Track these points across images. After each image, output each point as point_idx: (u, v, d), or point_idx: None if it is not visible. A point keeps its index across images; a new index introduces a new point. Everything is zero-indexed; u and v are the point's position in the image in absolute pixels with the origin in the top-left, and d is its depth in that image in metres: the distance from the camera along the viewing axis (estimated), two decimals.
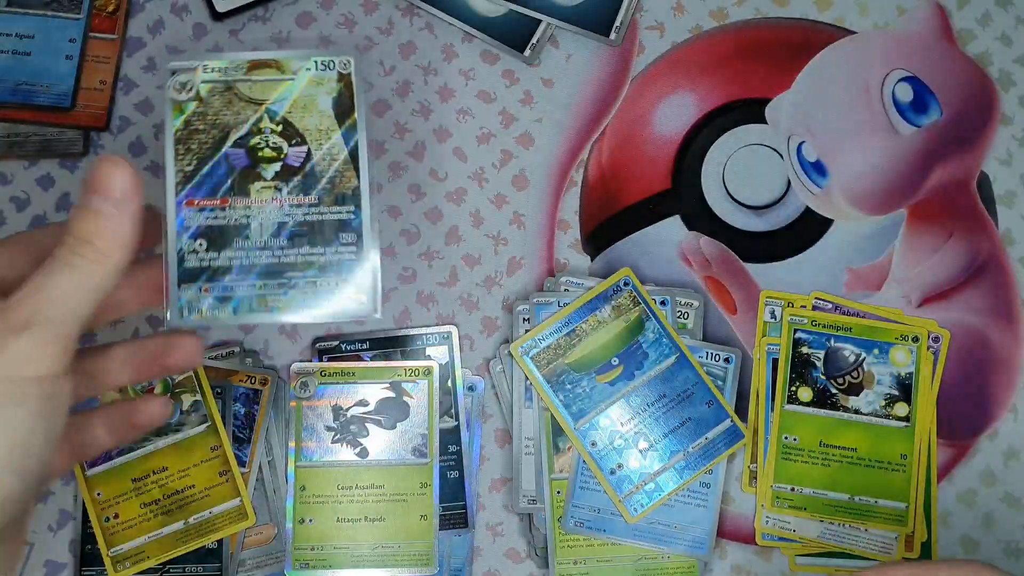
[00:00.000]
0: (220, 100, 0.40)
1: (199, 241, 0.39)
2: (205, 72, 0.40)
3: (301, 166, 0.40)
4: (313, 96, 0.40)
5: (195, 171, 0.39)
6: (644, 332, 0.53)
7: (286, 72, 0.40)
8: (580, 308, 0.53)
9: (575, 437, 0.52)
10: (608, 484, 0.52)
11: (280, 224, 0.39)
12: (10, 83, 0.54)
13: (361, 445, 0.53)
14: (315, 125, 0.40)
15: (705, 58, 0.57)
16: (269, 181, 0.40)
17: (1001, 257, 0.57)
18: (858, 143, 0.56)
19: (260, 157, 0.40)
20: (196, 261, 0.39)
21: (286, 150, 0.40)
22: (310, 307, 0.39)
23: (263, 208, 0.39)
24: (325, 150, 0.40)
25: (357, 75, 0.41)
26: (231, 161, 0.40)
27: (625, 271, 0.54)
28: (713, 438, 0.53)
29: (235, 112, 0.40)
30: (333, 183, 0.40)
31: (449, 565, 0.53)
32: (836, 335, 0.54)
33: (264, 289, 0.39)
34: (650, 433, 0.53)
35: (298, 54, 0.41)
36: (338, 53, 0.41)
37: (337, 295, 0.39)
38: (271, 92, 0.40)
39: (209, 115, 0.40)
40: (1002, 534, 0.56)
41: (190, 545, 0.51)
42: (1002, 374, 0.56)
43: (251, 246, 0.39)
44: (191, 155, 0.39)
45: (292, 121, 0.40)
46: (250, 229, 0.39)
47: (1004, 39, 0.58)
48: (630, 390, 0.53)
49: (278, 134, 0.40)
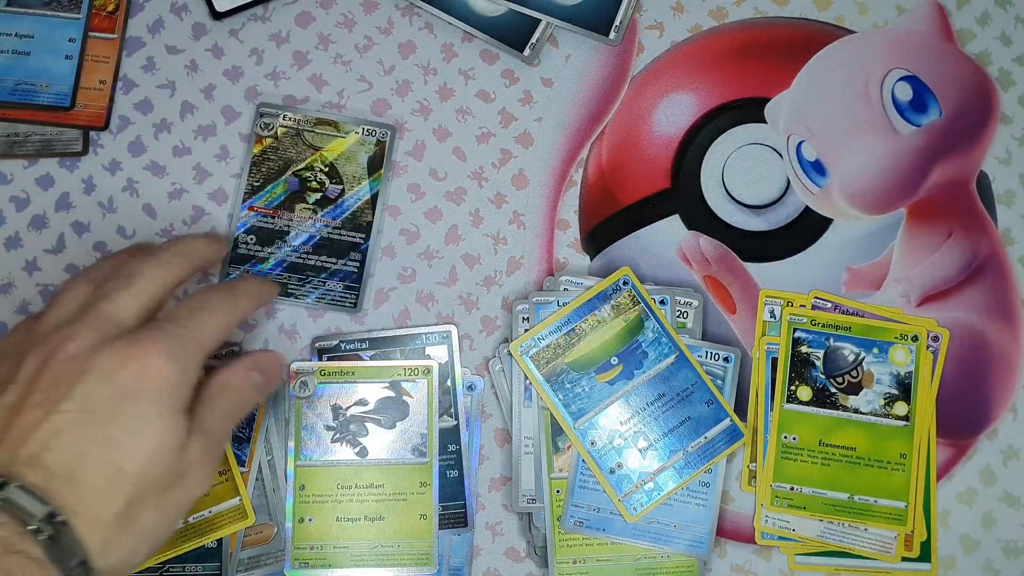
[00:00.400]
0: (290, 141, 0.55)
1: (250, 236, 0.54)
2: (284, 120, 0.54)
3: (335, 199, 0.55)
4: (355, 152, 0.55)
5: (260, 186, 0.54)
6: (643, 331, 0.53)
7: (341, 131, 0.55)
8: (579, 307, 0.53)
9: (574, 436, 0.52)
10: (607, 483, 0.52)
11: (310, 236, 0.54)
12: (10, 83, 0.54)
13: (360, 444, 0.53)
14: (352, 172, 0.55)
15: (704, 58, 0.57)
16: (310, 205, 0.55)
17: (1000, 256, 0.57)
18: (857, 142, 0.56)
19: (308, 187, 0.55)
20: (245, 250, 0.54)
21: (328, 185, 0.55)
22: (316, 301, 0.54)
23: (301, 223, 0.54)
24: (355, 191, 0.55)
25: (390, 144, 0.55)
26: (287, 185, 0.54)
27: (624, 270, 0.54)
28: (712, 437, 0.53)
29: (298, 152, 0.55)
30: (355, 215, 0.55)
31: (449, 564, 0.53)
32: (835, 334, 0.54)
33: (288, 280, 0.54)
34: (649, 432, 0.53)
35: (353, 119, 0.55)
36: (382, 125, 0.55)
37: (336, 295, 0.54)
38: (327, 143, 0.55)
39: (279, 150, 0.55)
40: (1002, 534, 0.56)
41: (189, 544, 0.51)
42: (1002, 373, 0.56)
43: (286, 248, 0.54)
44: (260, 175, 0.54)
45: (337, 166, 0.55)
46: (288, 236, 0.54)
47: (1004, 39, 0.58)
48: (629, 389, 0.53)
49: (324, 173, 0.55)
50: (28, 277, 0.54)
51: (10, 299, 0.54)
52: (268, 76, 0.56)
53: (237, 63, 0.56)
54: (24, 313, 0.54)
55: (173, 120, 0.56)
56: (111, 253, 0.53)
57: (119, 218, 0.55)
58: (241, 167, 0.55)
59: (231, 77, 0.56)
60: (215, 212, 0.55)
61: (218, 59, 0.56)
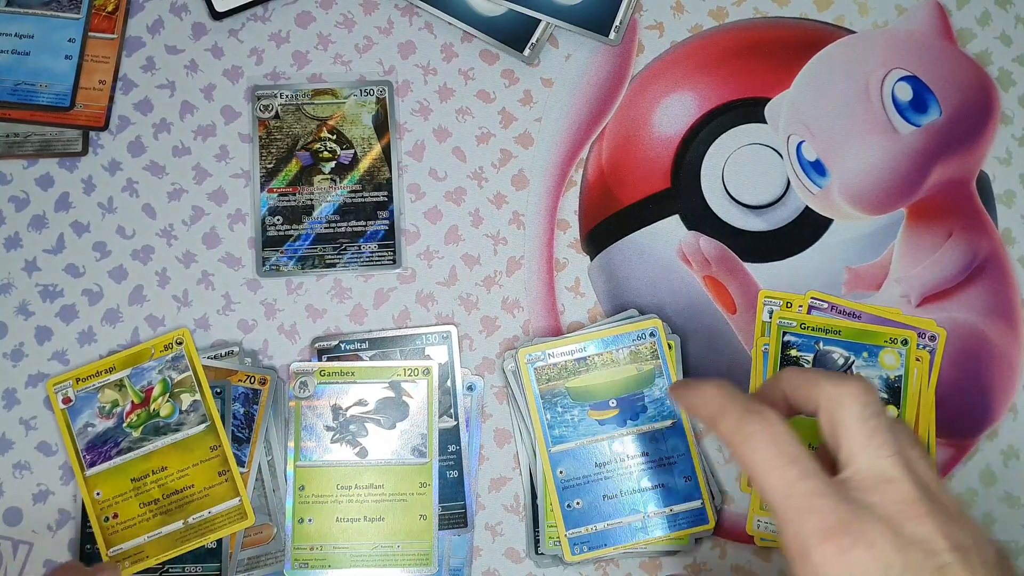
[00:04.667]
0: (292, 118, 0.55)
1: (276, 217, 0.55)
2: (282, 99, 0.55)
3: (350, 163, 0.55)
4: (358, 114, 0.55)
5: (274, 168, 0.55)
6: (651, 387, 0.53)
7: (339, 97, 0.55)
8: (599, 340, 0.53)
9: (546, 459, 0.52)
10: (560, 516, 0.52)
11: (335, 205, 0.55)
12: (9, 83, 0.54)
13: (360, 445, 0.53)
14: (359, 135, 0.55)
15: (705, 58, 0.57)
16: (327, 175, 0.55)
17: (1000, 256, 0.57)
18: (858, 142, 0.56)
19: (320, 157, 0.55)
20: (275, 232, 0.55)
21: (339, 152, 0.55)
22: (356, 266, 0.55)
23: (323, 193, 0.55)
24: (366, 152, 0.55)
25: (391, 100, 0.56)
26: (299, 160, 0.55)
27: (655, 321, 0.53)
28: (678, 512, 0.52)
29: (303, 125, 0.55)
30: (372, 175, 0.55)
31: (448, 565, 0.53)
32: (825, 338, 0.54)
33: (323, 251, 0.55)
34: (620, 484, 0.52)
35: (347, 83, 0.56)
36: (378, 83, 0.56)
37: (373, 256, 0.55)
38: (329, 111, 0.55)
39: (284, 128, 0.55)
40: (1002, 534, 0.56)
41: (189, 545, 0.51)
42: (1002, 374, 0.56)
43: (314, 220, 0.55)
44: (271, 156, 0.55)
45: (343, 131, 0.55)
46: (313, 209, 0.55)
47: (1004, 38, 0.58)
48: (616, 436, 0.52)
49: (333, 141, 0.55)
50: (28, 277, 0.54)
51: (10, 299, 0.54)
52: (268, 76, 0.56)
53: (237, 63, 0.56)
54: (24, 313, 0.54)
55: (173, 120, 0.56)
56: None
57: (119, 218, 0.55)
58: (251, 156, 0.55)
59: (231, 77, 0.56)
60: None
61: (218, 59, 0.56)
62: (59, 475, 0.53)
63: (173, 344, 0.53)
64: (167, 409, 0.52)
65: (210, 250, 0.55)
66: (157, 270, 0.55)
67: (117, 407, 0.52)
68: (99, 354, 0.54)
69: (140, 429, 0.52)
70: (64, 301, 0.54)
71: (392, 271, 0.55)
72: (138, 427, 0.52)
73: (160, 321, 0.54)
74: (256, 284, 0.55)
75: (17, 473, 0.53)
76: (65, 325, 0.54)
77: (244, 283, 0.55)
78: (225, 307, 0.55)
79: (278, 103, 0.55)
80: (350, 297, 0.55)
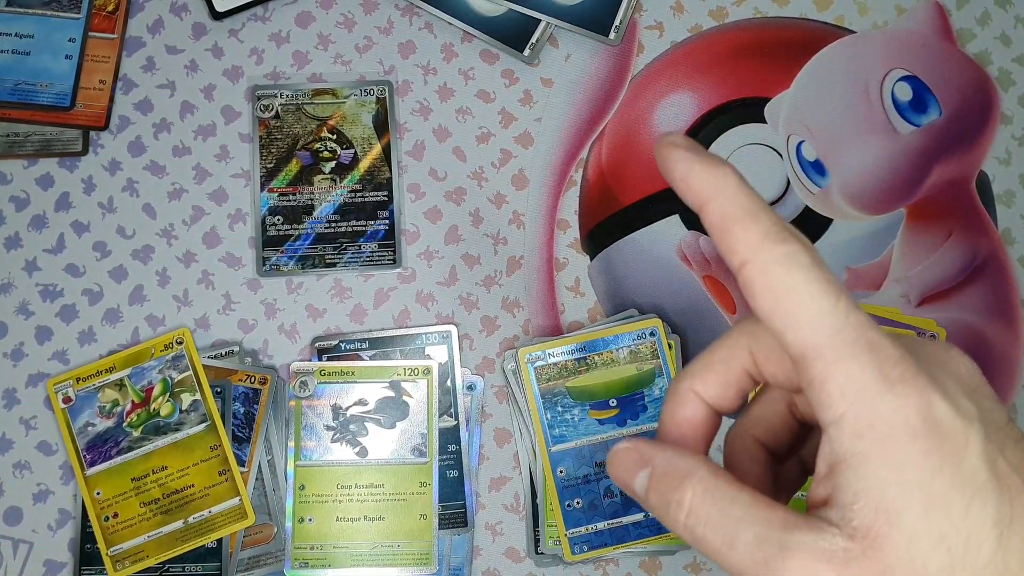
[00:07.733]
0: (292, 117, 0.55)
1: (277, 217, 0.55)
2: (282, 98, 0.55)
3: (350, 163, 0.55)
4: (358, 113, 0.56)
5: (275, 168, 0.55)
6: (652, 386, 0.53)
7: (339, 96, 0.56)
8: (599, 339, 0.53)
9: (546, 458, 0.52)
10: (560, 515, 0.52)
11: (336, 204, 0.55)
12: (10, 83, 0.54)
13: (360, 444, 0.53)
14: (359, 134, 0.55)
15: (704, 57, 0.57)
16: (327, 174, 0.55)
17: (1000, 256, 0.57)
18: (857, 142, 0.56)
19: (320, 157, 0.55)
20: (275, 231, 0.55)
21: (339, 152, 0.55)
22: (355, 266, 0.55)
23: (324, 193, 0.55)
24: (367, 152, 0.55)
25: (390, 100, 0.56)
26: (299, 160, 0.55)
27: (655, 321, 0.53)
28: None
29: (303, 125, 0.55)
30: (372, 175, 0.55)
31: (449, 564, 0.53)
32: None
33: (324, 251, 0.55)
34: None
35: (347, 83, 0.56)
36: (378, 83, 0.56)
37: (372, 256, 0.55)
38: (329, 111, 0.55)
39: (284, 128, 0.55)
40: None
41: (189, 544, 0.51)
42: (1002, 374, 0.56)
43: (314, 220, 0.55)
44: (271, 156, 0.55)
45: (343, 131, 0.55)
46: (314, 208, 0.55)
47: (1003, 38, 0.58)
48: (616, 435, 0.52)
49: (333, 141, 0.55)
50: (28, 277, 0.54)
51: (10, 299, 0.54)
52: (268, 76, 0.56)
53: (237, 63, 0.56)
54: (24, 313, 0.54)
55: (173, 120, 0.56)
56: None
57: (119, 218, 0.55)
58: (251, 156, 0.55)
59: (231, 77, 0.56)
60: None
61: (218, 59, 0.56)
62: (59, 475, 0.53)
63: (173, 344, 0.53)
64: (167, 409, 0.52)
65: (210, 250, 0.55)
66: (157, 270, 0.55)
67: (117, 407, 0.52)
68: (99, 354, 0.54)
69: (140, 429, 0.52)
70: (64, 301, 0.54)
71: (392, 271, 0.55)
72: (138, 427, 0.52)
73: (160, 321, 0.54)
74: (256, 284, 0.55)
75: (17, 473, 0.53)
76: (65, 325, 0.54)
77: (244, 283, 0.55)
78: (225, 307, 0.55)
79: (278, 103, 0.55)
80: (350, 297, 0.55)
